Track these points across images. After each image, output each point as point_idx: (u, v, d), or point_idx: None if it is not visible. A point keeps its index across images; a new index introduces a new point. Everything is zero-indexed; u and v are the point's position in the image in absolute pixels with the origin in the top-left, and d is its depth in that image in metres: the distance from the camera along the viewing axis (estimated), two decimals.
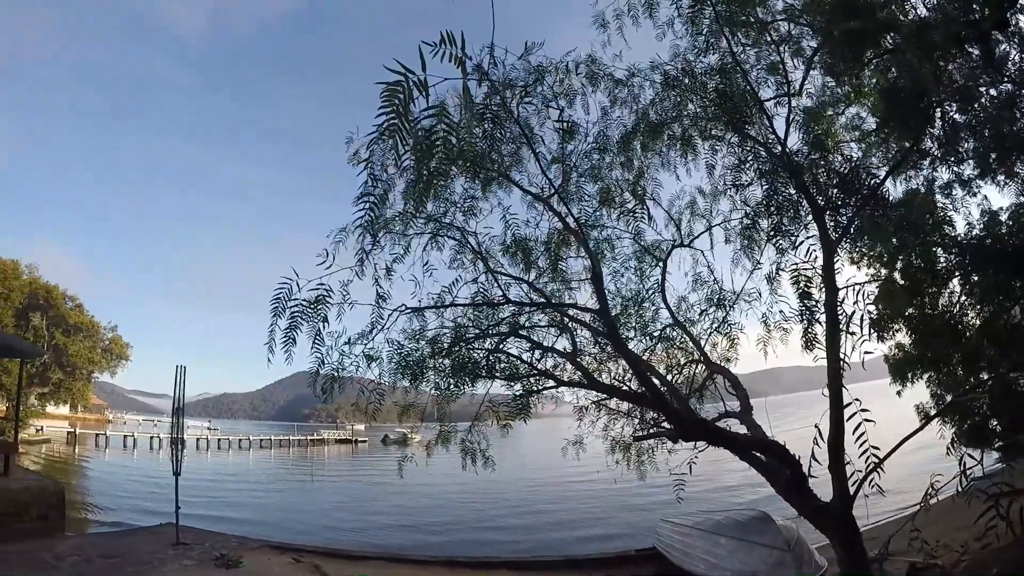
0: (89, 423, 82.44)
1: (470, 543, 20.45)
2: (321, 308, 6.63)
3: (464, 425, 9.48)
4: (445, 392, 8.64)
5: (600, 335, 9.30)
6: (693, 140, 8.55)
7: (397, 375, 8.30)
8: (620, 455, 10.35)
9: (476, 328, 8.96)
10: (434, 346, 8.59)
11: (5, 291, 53.82)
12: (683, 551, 10.26)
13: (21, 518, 17.20)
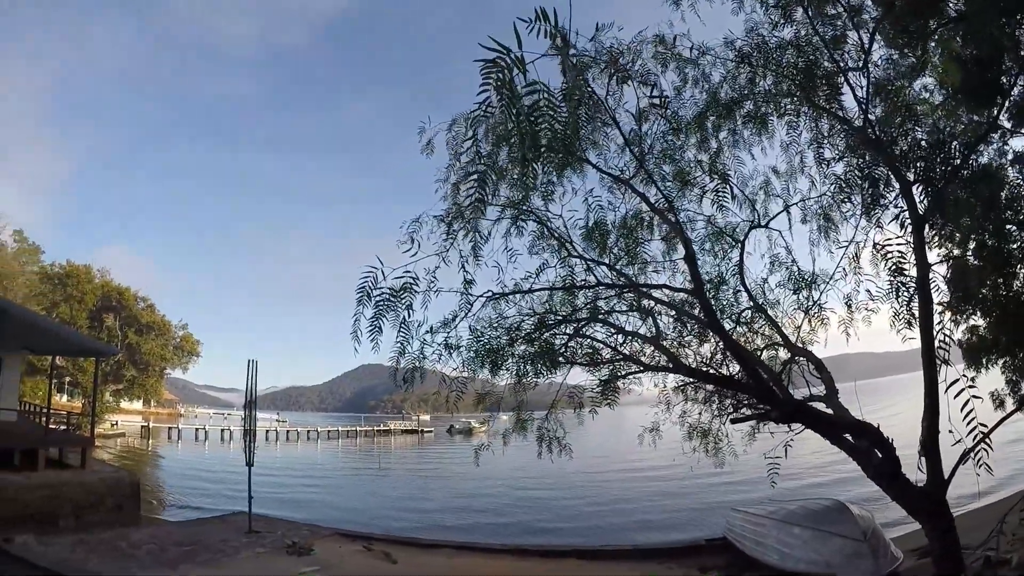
0: (162, 417, 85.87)
1: (538, 532, 20.36)
2: (406, 296, 6.65)
3: (538, 414, 9.34)
4: (524, 380, 8.60)
5: (690, 316, 9.09)
6: (767, 117, 8.29)
7: (477, 363, 8.25)
8: (698, 442, 10.10)
9: (556, 314, 8.88)
10: (513, 333, 8.50)
11: (79, 294, 57.05)
12: (755, 541, 9.98)
13: (98, 508, 17.97)
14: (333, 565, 11.30)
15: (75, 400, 54.59)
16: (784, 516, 9.64)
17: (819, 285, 9.24)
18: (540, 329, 8.55)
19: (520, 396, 9.05)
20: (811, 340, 9.43)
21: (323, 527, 15.29)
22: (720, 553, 11.00)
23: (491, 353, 8.20)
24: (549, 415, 9.18)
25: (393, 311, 6.66)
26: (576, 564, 11.27)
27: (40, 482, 16.92)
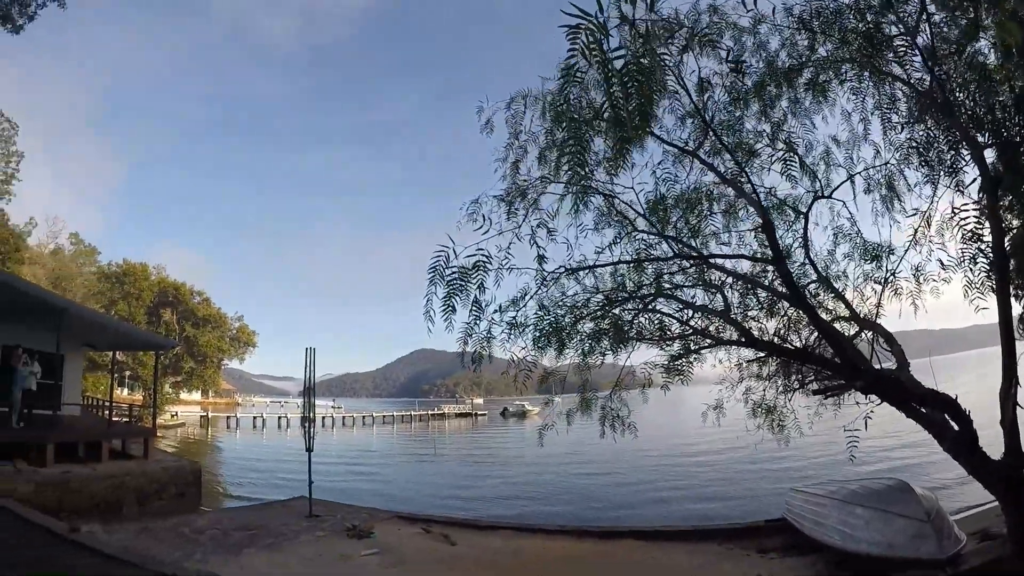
0: (220, 407, 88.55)
1: (595, 513, 20.42)
2: (478, 274, 6.67)
3: (601, 394, 9.34)
4: (590, 358, 8.61)
5: (764, 288, 8.92)
6: (828, 85, 8.00)
7: (543, 342, 8.22)
8: (762, 419, 9.92)
9: (623, 291, 8.81)
10: (578, 311, 8.49)
11: (136, 291, 59.06)
12: (815, 521, 9.64)
13: (161, 496, 18.42)
14: (393, 547, 11.34)
15: (136, 393, 56.57)
16: (845, 496, 9.26)
17: (890, 256, 8.86)
18: (609, 305, 8.48)
19: (585, 375, 9.02)
20: (878, 314, 9.03)
21: (382, 510, 15.33)
22: (779, 534, 10.71)
23: (557, 331, 8.14)
24: (613, 394, 9.12)
25: (465, 290, 6.67)
26: (634, 545, 11.11)
27: (104, 473, 17.37)
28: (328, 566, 10.15)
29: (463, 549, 11.36)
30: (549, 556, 10.77)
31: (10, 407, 17.84)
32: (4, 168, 58.36)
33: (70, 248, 70.57)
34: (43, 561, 8.17)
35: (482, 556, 10.82)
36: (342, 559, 10.56)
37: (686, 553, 10.10)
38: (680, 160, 8.73)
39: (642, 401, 9.24)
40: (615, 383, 9.12)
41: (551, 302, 8.43)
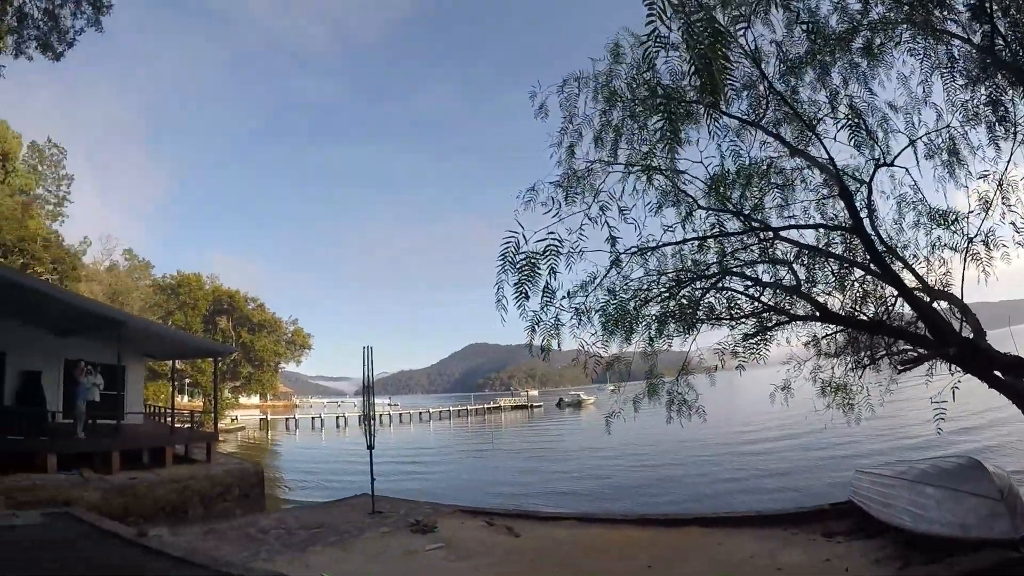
0: (278, 409, 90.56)
1: (658, 500, 20.40)
2: (550, 259, 6.54)
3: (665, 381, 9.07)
4: (657, 342, 8.45)
5: (837, 258, 8.53)
6: (883, 49, 7.55)
7: (612, 327, 8.01)
8: (832, 398, 9.57)
9: (688, 272, 8.60)
10: (643, 294, 8.31)
11: (191, 301, 60.95)
12: (883, 503, 9.19)
13: (225, 498, 18.81)
14: (457, 541, 11.29)
15: (195, 399, 58.04)
16: (915, 476, 8.80)
17: (960, 221, 8.38)
18: (677, 286, 8.29)
19: (651, 361, 8.83)
20: (946, 283, 8.62)
21: (444, 505, 15.32)
22: (846, 517, 10.31)
23: (623, 316, 7.95)
24: (679, 378, 8.90)
25: (535, 276, 6.54)
26: (699, 532, 10.83)
27: (169, 477, 17.81)
28: (393, 562, 10.12)
29: (527, 541, 11.28)
30: (613, 545, 10.60)
31: (75, 418, 18.45)
32: (56, 192, 60.81)
33: (124, 264, 72.90)
34: (114, 565, 8.29)
35: (546, 547, 10.73)
36: (407, 554, 10.53)
37: (752, 539, 9.82)
38: (740, 133, 8.42)
39: (709, 384, 9.12)
40: (681, 367, 8.91)
41: (618, 287, 8.26)
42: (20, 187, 50.47)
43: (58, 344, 22.20)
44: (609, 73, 8.07)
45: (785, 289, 8.56)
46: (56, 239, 49.30)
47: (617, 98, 7.93)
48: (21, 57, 20.35)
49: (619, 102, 7.92)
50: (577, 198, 7.60)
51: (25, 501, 13.54)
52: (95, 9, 19.99)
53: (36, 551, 8.73)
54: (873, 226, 8.18)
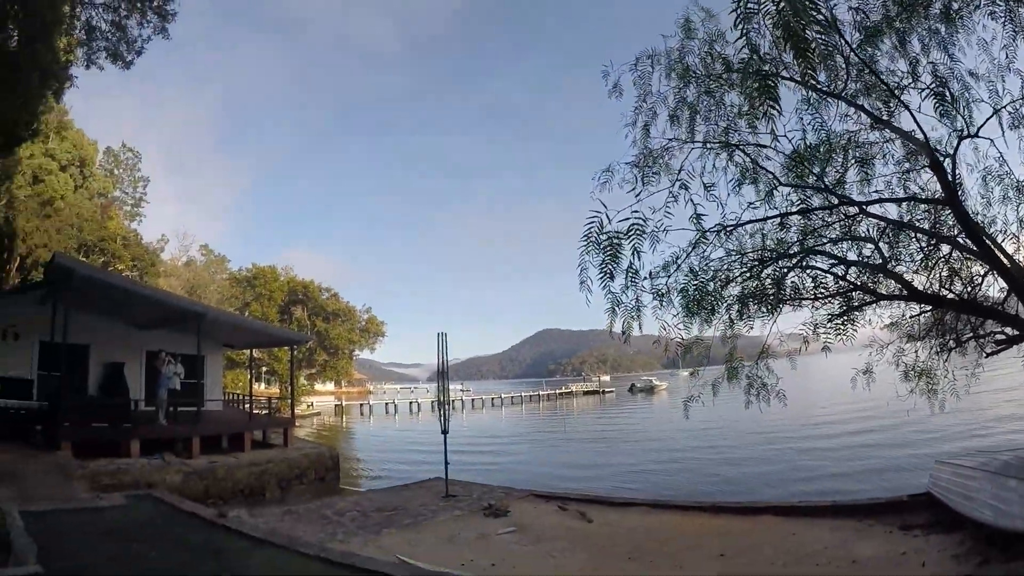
0: (353, 395, 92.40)
1: (732, 487, 20.14)
2: (635, 239, 6.54)
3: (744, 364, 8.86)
4: (737, 324, 8.33)
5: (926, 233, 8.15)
6: (961, 13, 7.15)
7: (693, 309, 7.91)
8: (915, 383, 9.20)
9: (769, 251, 8.37)
10: (724, 274, 8.18)
11: (267, 292, 63.01)
12: (963, 495, 8.63)
13: (302, 481, 19.32)
14: (529, 525, 11.32)
15: (272, 387, 60.02)
16: (998, 468, 8.23)
17: None
18: (760, 265, 8.10)
19: (731, 344, 8.65)
20: None
21: (517, 489, 15.35)
22: (924, 509, 9.79)
23: (704, 296, 7.83)
24: (759, 361, 8.68)
25: (619, 257, 6.55)
26: (772, 521, 10.56)
27: (247, 461, 18.43)
28: (465, 545, 10.17)
29: (598, 526, 11.24)
30: (685, 532, 10.47)
31: (157, 406, 19.34)
32: (132, 193, 63.73)
33: (201, 259, 75.84)
34: (194, 544, 8.55)
35: (617, 533, 10.65)
36: (479, 538, 10.59)
37: (826, 530, 9.53)
38: (819, 107, 8.04)
39: (790, 368, 8.92)
40: (761, 349, 8.70)
41: (699, 267, 8.11)
42: (99, 190, 53.22)
43: (140, 336, 23.25)
44: (681, 49, 7.95)
45: (870, 267, 8.24)
46: (135, 238, 51.70)
47: (691, 75, 7.83)
48: (92, 68, 21.28)
49: (693, 79, 7.82)
50: (654, 178, 7.55)
51: (110, 484, 14.17)
52: (160, 18, 20.68)
53: (119, 530, 9.04)
54: (956, 201, 7.74)
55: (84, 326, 19.54)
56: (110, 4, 19.66)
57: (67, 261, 17.71)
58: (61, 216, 41.76)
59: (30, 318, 19.66)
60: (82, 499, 11.16)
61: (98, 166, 54.51)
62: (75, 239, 41.50)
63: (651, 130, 8.09)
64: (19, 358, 19.93)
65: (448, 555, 9.41)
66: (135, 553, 7.82)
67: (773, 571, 7.66)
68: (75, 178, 46.77)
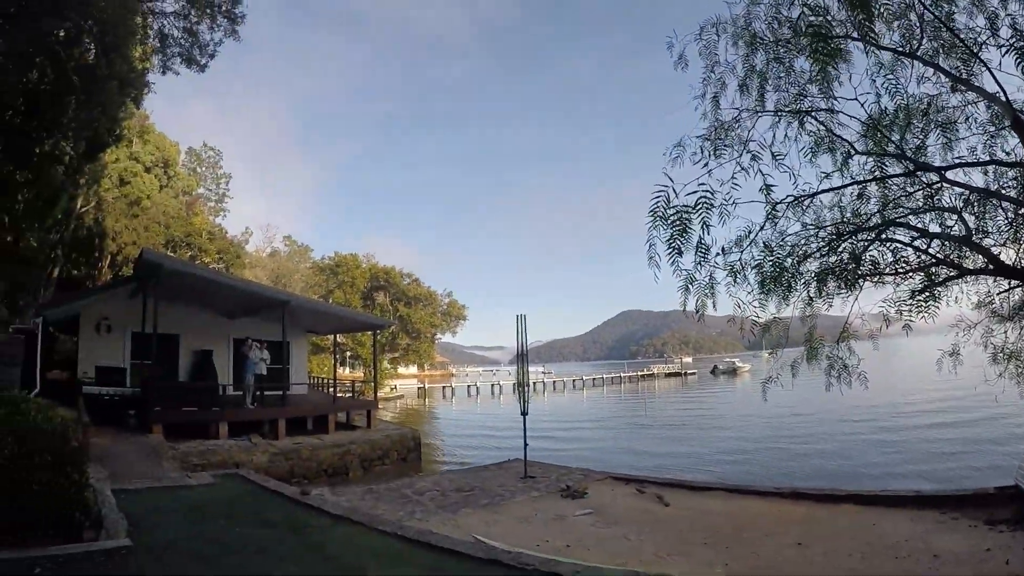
0: (435, 378, 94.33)
1: (812, 473, 19.72)
2: (703, 213, 6.42)
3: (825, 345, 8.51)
4: (816, 302, 8.02)
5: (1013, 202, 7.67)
6: None
7: (769, 286, 7.64)
8: (1005, 366, 8.60)
9: (848, 224, 8.03)
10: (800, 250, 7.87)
11: (350, 279, 64.69)
12: None
13: (384, 461, 19.79)
14: (606, 508, 11.28)
15: (356, 371, 61.54)
16: None
17: None
18: (837, 239, 7.76)
19: (809, 323, 8.33)
20: None
21: (595, 471, 15.32)
22: (1012, 503, 9.18)
23: (781, 273, 7.55)
24: (840, 342, 8.33)
25: (687, 231, 6.40)
26: (853, 510, 10.19)
27: (331, 442, 19.05)
28: (542, 525, 10.18)
29: (676, 510, 11.10)
30: (764, 519, 10.17)
31: (244, 390, 20.16)
32: (216, 190, 66.48)
33: (285, 249, 78.70)
34: (278, 520, 8.80)
35: (695, 518, 10.48)
36: (556, 519, 10.59)
37: (908, 521, 9.09)
38: (894, 68, 7.71)
39: (872, 348, 8.40)
40: (842, 329, 8.32)
41: (774, 242, 7.87)
42: (183, 188, 55.95)
43: (227, 325, 24.39)
44: (747, 15, 7.76)
45: (954, 239, 7.74)
46: (220, 232, 53.99)
47: (758, 41, 7.63)
48: (169, 73, 22.28)
49: (760, 45, 7.62)
50: (726, 150, 7.37)
51: (199, 464, 14.85)
52: (230, 21, 21.43)
53: (206, 507, 9.43)
54: None
55: (174, 317, 20.71)
56: (180, 12, 20.61)
57: (155, 256, 18.56)
58: (148, 214, 44.34)
59: (122, 311, 21.11)
60: (171, 478, 11.68)
61: (181, 165, 57.36)
62: (162, 235, 43.74)
63: (720, 101, 7.91)
64: (112, 349, 21.30)
65: (524, 535, 9.42)
66: (220, 529, 8.13)
67: (851, 563, 7.35)
68: (160, 178, 49.43)
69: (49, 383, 18.77)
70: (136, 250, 35.22)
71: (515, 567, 6.45)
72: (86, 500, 6.81)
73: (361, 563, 6.80)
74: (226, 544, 7.37)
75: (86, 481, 6.97)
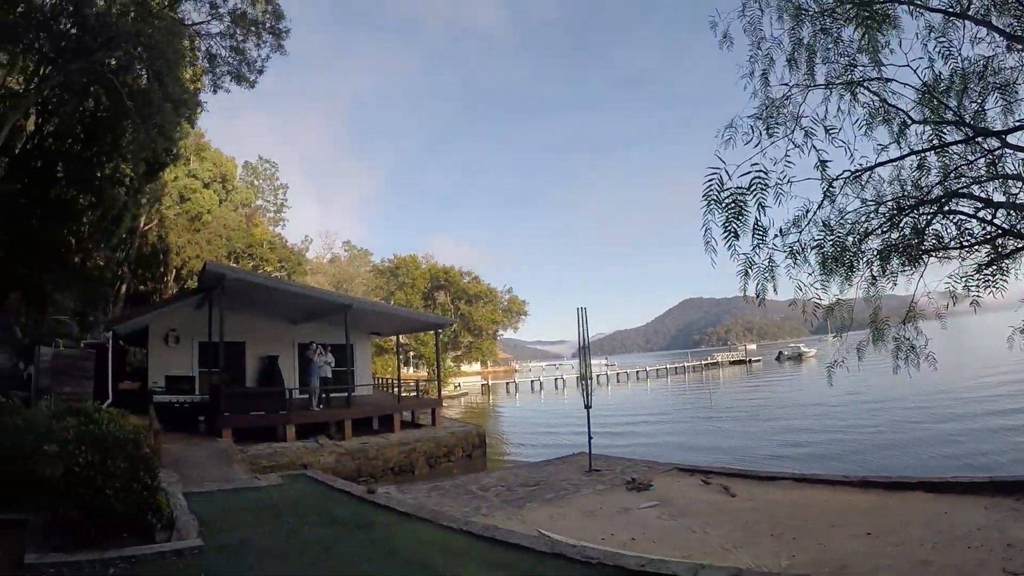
0: (498, 374, 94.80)
1: (882, 460, 19.11)
2: (757, 194, 6.27)
3: None
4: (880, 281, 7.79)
5: None
6: None
7: (830, 266, 7.45)
8: None
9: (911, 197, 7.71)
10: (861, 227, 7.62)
11: (410, 280, 65.61)
12: None
13: (449, 458, 19.96)
14: (672, 500, 11.18)
15: (420, 370, 62.33)
16: None
17: None
18: (899, 213, 7.48)
19: (874, 303, 8.04)
20: None
21: (660, 463, 15.16)
22: None
23: (842, 252, 7.36)
24: (905, 322, 8.02)
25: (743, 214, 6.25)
26: (923, 497, 9.78)
27: (396, 441, 19.28)
28: (607, 519, 10.13)
29: (742, 501, 10.94)
30: (832, 508, 9.90)
31: (310, 393, 20.70)
32: (274, 200, 68.32)
33: (345, 254, 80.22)
34: (346, 518, 8.94)
35: (761, 508, 10.29)
36: (621, 512, 10.54)
37: (981, 508, 8.66)
38: (945, 31, 7.39)
39: (940, 328, 8.07)
40: (908, 308, 8.02)
41: (833, 221, 7.63)
42: (242, 201, 57.78)
43: (291, 330, 25.08)
44: None
45: (1020, 208, 7.36)
46: (280, 241, 55.51)
47: (803, 13, 7.40)
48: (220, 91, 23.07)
49: (806, 17, 7.39)
50: (778, 128, 7.18)
51: (267, 466, 15.22)
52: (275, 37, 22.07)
53: (275, 507, 9.63)
54: None
55: (239, 325, 21.34)
56: (226, 32, 21.29)
57: (218, 267, 19.11)
58: (209, 228, 46.13)
59: (188, 322, 22.12)
60: (241, 480, 11.97)
61: (239, 179, 59.28)
62: (224, 248, 45.32)
63: (769, 78, 7.71)
64: (181, 358, 22.33)
65: (589, 529, 9.40)
66: (288, 527, 8.29)
67: (922, 553, 7.05)
68: (218, 193, 51.21)
69: (121, 394, 19.63)
70: (199, 263, 36.52)
71: (579, 560, 6.41)
72: (159, 503, 7.02)
73: (427, 559, 6.83)
74: (295, 542, 7.53)
75: (158, 485, 7.18)
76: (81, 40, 16.92)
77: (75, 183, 24.46)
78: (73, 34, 17.21)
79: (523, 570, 6.38)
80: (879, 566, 6.86)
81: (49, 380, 17.18)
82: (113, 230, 27.39)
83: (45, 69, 19.23)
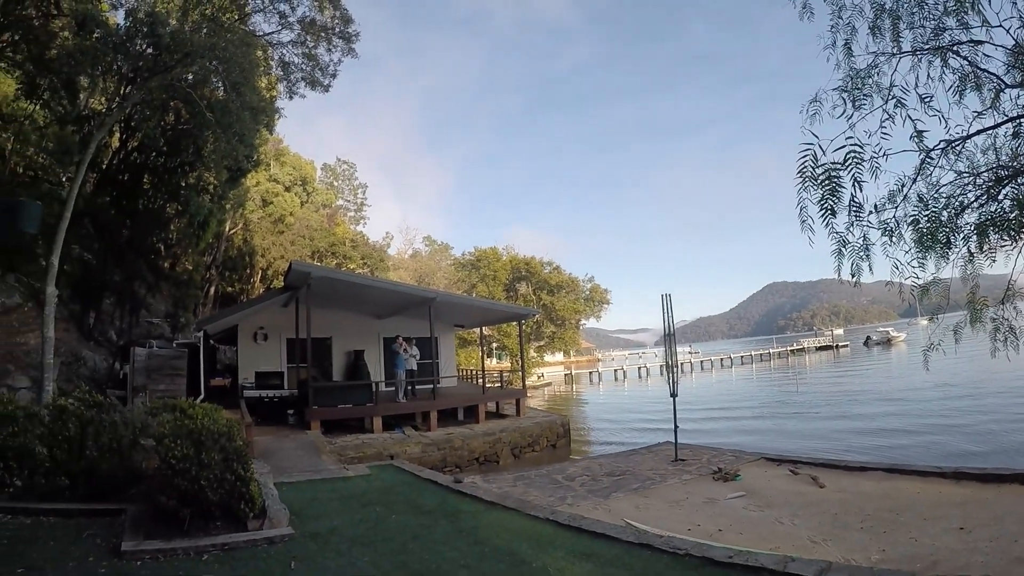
0: (582, 364, 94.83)
1: (977, 451, 18.24)
2: (853, 169, 6.06)
3: None
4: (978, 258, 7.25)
5: None
6: None
7: (928, 242, 6.99)
8: None
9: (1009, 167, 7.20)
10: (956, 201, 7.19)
11: (491, 272, 66.05)
12: None
13: (534, 448, 19.98)
14: (759, 490, 10.97)
15: (503, 361, 62.69)
16: None
17: None
18: (996, 185, 7.04)
19: (971, 282, 7.56)
20: None
21: (747, 452, 14.88)
22: None
23: (938, 227, 6.94)
24: (1005, 301, 7.57)
25: (838, 190, 6.09)
26: (1021, 491, 9.37)
27: (481, 431, 19.45)
28: (693, 509, 10.02)
29: (831, 492, 10.64)
30: (923, 501, 9.46)
31: (396, 386, 21.30)
32: (354, 200, 70.03)
33: (426, 249, 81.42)
34: (433, 506, 9.03)
35: (850, 500, 9.97)
36: (707, 502, 10.42)
37: None
38: None
39: None
40: (1007, 287, 7.55)
41: (928, 195, 7.22)
42: (323, 202, 59.56)
43: (377, 325, 25.67)
44: None
45: None
46: (362, 239, 56.89)
47: None
48: (296, 97, 23.80)
49: None
50: (866, 100, 6.79)
51: (355, 457, 15.60)
52: (345, 41, 22.52)
53: (362, 496, 9.81)
54: None
55: (325, 321, 22.06)
56: (297, 40, 21.89)
57: (303, 266, 19.58)
58: (292, 230, 48.02)
59: (276, 320, 22.97)
60: (330, 470, 12.24)
61: (319, 181, 61.15)
62: (308, 248, 46.91)
63: (852, 48, 7.30)
64: (270, 355, 23.17)
65: (675, 519, 9.31)
66: (376, 516, 8.43)
67: (1018, 550, 6.69)
68: (299, 195, 53.05)
69: (213, 390, 20.74)
70: (284, 264, 37.78)
71: (666, 551, 6.30)
72: (251, 493, 7.21)
73: (513, 547, 6.82)
74: (383, 530, 7.63)
75: (251, 475, 7.38)
76: (158, 58, 17.71)
77: (161, 193, 25.95)
78: (150, 53, 18.04)
79: (609, 560, 6.29)
80: (972, 562, 6.53)
81: (144, 378, 18.15)
82: (200, 235, 28.77)
83: (125, 88, 20.16)
